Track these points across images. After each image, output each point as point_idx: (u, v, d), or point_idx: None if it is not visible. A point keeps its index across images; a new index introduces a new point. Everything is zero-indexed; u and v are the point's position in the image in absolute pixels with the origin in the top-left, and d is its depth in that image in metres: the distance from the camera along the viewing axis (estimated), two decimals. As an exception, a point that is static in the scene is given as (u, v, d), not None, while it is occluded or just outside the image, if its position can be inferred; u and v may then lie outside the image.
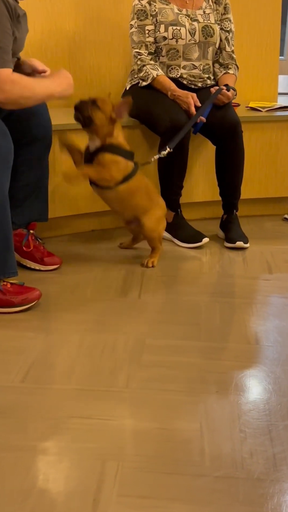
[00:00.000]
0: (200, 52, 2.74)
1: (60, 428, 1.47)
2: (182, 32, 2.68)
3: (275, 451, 1.40)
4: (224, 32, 2.78)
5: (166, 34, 2.67)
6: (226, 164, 2.74)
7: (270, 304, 2.20)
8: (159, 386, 1.65)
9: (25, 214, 2.35)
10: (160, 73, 2.68)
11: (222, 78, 2.77)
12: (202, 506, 1.23)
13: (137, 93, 2.76)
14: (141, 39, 2.70)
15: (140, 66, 2.71)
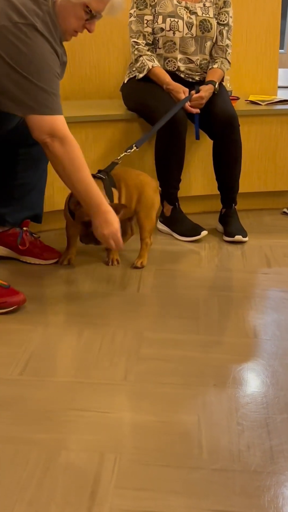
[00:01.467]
0: (197, 46, 2.73)
1: (58, 420, 1.48)
2: (180, 24, 2.67)
3: (272, 444, 1.41)
4: (219, 26, 2.76)
5: (163, 25, 2.66)
6: (224, 158, 2.73)
7: (269, 298, 2.21)
8: (157, 379, 1.66)
9: (19, 213, 2.35)
10: (156, 65, 2.67)
11: (209, 73, 2.75)
12: (200, 499, 1.24)
13: (135, 87, 2.76)
14: (139, 28, 2.69)
15: (136, 56, 2.70)
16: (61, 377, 1.67)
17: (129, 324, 1.96)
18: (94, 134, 2.73)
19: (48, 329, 1.93)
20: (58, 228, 2.81)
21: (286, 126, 3.08)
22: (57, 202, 2.71)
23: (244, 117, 2.90)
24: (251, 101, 3.18)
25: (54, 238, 2.64)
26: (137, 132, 2.82)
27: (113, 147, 2.79)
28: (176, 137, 2.57)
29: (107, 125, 2.76)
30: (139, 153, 2.83)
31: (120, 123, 2.78)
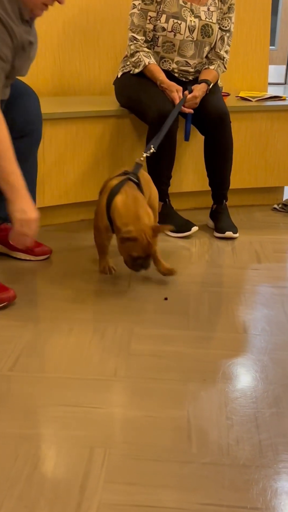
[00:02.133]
0: (196, 50, 2.71)
1: (48, 416, 1.48)
2: (182, 26, 2.63)
3: (261, 438, 1.42)
4: (221, 31, 2.72)
5: (166, 25, 2.63)
6: (215, 155, 2.74)
7: (259, 294, 2.22)
8: (147, 375, 1.66)
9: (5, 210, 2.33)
10: (152, 62, 2.66)
11: (202, 72, 2.74)
12: (189, 492, 1.25)
13: (128, 82, 2.75)
14: (141, 23, 2.65)
15: (133, 51, 2.68)
16: (51, 373, 1.67)
17: (120, 320, 1.97)
18: (85, 130, 2.73)
19: (38, 325, 1.93)
20: (49, 224, 2.81)
21: (277, 123, 3.09)
22: (47, 198, 2.71)
23: (235, 113, 2.90)
24: (242, 97, 3.19)
25: (45, 235, 2.64)
26: (128, 128, 2.82)
27: (104, 144, 2.79)
28: (167, 134, 2.57)
29: (97, 121, 2.75)
30: (129, 149, 2.84)
31: (111, 119, 2.78)
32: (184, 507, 1.21)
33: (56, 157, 2.69)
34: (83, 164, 2.76)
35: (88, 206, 2.86)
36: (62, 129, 2.67)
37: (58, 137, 2.67)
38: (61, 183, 2.73)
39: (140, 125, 2.77)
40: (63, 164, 2.71)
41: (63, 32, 3.02)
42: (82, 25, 3.06)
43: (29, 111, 2.24)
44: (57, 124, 2.65)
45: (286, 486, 1.27)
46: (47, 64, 3.02)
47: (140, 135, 2.81)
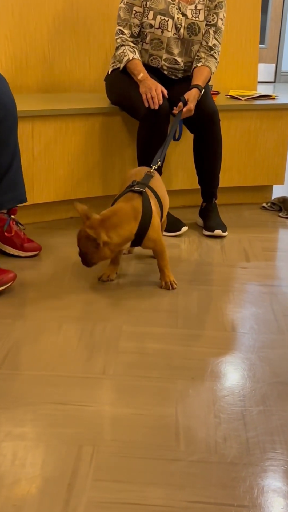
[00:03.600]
0: (182, 48, 2.70)
1: (37, 413, 1.48)
2: (169, 23, 2.63)
3: (248, 436, 1.43)
4: (206, 26, 2.70)
5: (153, 22, 2.63)
6: (204, 153, 2.74)
7: (247, 292, 2.23)
8: (136, 373, 1.67)
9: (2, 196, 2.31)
10: (136, 57, 2.64)
11: (193, 74, 2.70)
12: (177, 490, 1.25)
13: (118, 78, 2.75)
14: (127, 17, 2.65)
15: (119, 44, 2.68)
16: (39, 370, 1.67)
17: (108, 318, 1.97)
18: (74, 128, 2.72)
19: (27, 322, 1.93)
20: (38, 221, 2.80)
21: (266, 121, 3.10)
22: (37, 196, 2.71)
23: (224, 112, 2.91)
24: (231, 96, 3.19)
25: (35, 232, 2.64)
26: (118, 125, 2.82)
27: (93, 141, 2.79)
28: (157, 131, 2.57)
29: (87, 119, 2.75)
30: (120, 146, 2.84)
31: (100, 117, 2.78)
32: (171, 504, 1.22)
33: (45, 155, 2.68)
34: (73, 162, 2.76)
35: (77, 204, 2.86)
36: (51, 126, 2.66)
37: (47, 134, 2.66)
38: (50, 181, 2.72)
39: (130, 122, 2.78)
40: (53, 161, 2.71)
41: (53, 28, 3.01)
42: (72, 22, 3.05)
43: (1, 95, 2.19)
44: (47, 121, 2.64)
45: (272, 484, 1.28)
46: (37, 60, 3.01)
47: (130, 133, 2.81)
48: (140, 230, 2.09)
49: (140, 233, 2.09)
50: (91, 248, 2.07)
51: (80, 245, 2.11)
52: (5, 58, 2.94)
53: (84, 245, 2.09)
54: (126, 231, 2.07)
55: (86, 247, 2.08)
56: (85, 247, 2.09)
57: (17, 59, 2.97)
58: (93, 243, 2.05)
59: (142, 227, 2.09)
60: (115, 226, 2.06)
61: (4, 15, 2.89)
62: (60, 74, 3.09)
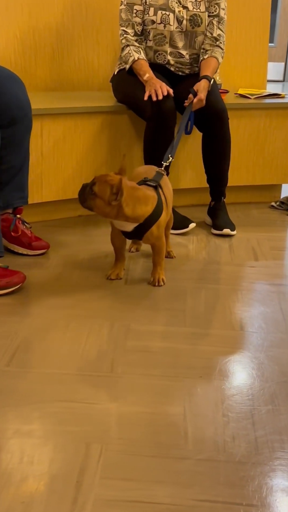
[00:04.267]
0: (186, 41, 2.71)
1: (44, 411, 1.48)
2: (171, 17, 2.65)
3: (257, 435, 1.42)
4: (209, 17, 2.72)
5: (154, 18, 2.65)
6: (213, 151, 2.74)
7: (255, 291, 2.22)
8: (144, 371, 1.67)
9: (8, 195, 2.34)
10: (141, 57, 2.65)
11: (201, 66, 2.71)
12: (185, 488, 1.25)
13: (124, 78, 2.75)
14: (129, 17, 2.67)
15: (124, 45, 2.69)
16: (47, 368, 1.67)
17: (116, 316, 1.97)
18: (83, 126, 2.73)
19: (35, 320, 1.93)
20: (47, 219, 2.81)
21: (275, 120, 3.09)
22: (45, 194, 2.71)
23: (233, 111, 2.90)
24: (240, 95, 3.19)
25: (43, 230, 2.64)
26: (125, 124, 2.81)
27: (102, 139, 2.79)
28: (164, 130, 2.56)
29: (95, 117, 2.75)
30: (129, 144, 2.84)
31: (109, 115, 2.78)
32: (179, 503, 1.21)
33: (54, 153, 2.68)
34: (81, 160, 2.76)
35: (85, 202, 2.86)
36: (60, 124, 2.66)
37: (56, 132, 2.66)
38: (59, 179, 2.72)
39: (138, 120, 2.77)
40: (61, 159, 2.71)
41: (62, 26, 3.02)
42: (81, 20, 3.05)
43: (20, 97, 2.24)
44: (56, 119, 2.64)
45: (281, 484, 1.28)
46: (46, 59, 3.02)
47: (138, 131, 2.81)
48: (147, 221, 2.08)
49: (145, 224, 2.09)
50: (104, 194, 2.00)
51: (96, 184, 2.02)
52: (14, 56, 2.94)
53: (100, 187, 2.01)
54: (141, 211, 2.06)
55: (101, 190, 2.01)
56: (100, 190, 2.01)
57: (26, 57, 2.97)
58: (109, 192, 2.00)
59: (150, 219, 2.08)
60: (136, 199, 2.04)
61: (14, 13, 2.90)
62: (69, 72, 3.09)
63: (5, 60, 2.89)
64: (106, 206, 2.02)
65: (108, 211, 2.04)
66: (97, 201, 2.03)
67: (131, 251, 2.47)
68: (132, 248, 2.48)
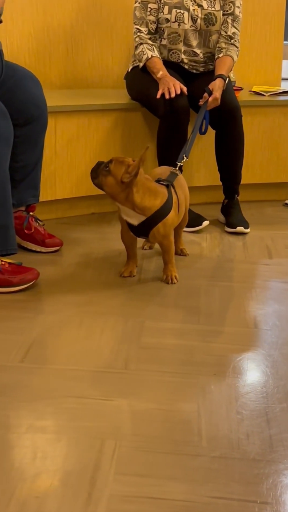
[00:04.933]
0: (200, 39, 2.70)
1: (58, 407, 1.48)
2: (185, 16, 2.64)
3: (271, 433, 1.41)
4: (224, 16, 2.70)
5: (169, 16, 2.64)
6: (226, 149, 2.73)
7: (269, 289, 2.21)
8: (158, 368, 1.66)
9: (22, 193, 2.35)
10: (155, 55, 2.64)
11: (216, 65, 2.69)
12: (199, 485, 1.25)
13: (138, 76, 2.75)
14: (143, 15, 2.67)
15: (137, 43, 2.68)
16: (61, 364, 1.67)
17: (130, 313, 1.97)
18: (97, 123, 2.73)
19: (49, 317, 1.94)
20: (60, 217, 2.81)
21: (290, 118, 3.07)
22: (59, 191, 2.71)
23: (248, 108, 2.89)
24: (255, 92, 3.17)
25: (56, 227, 2.64)
26: (139, 121, 2.81)
27: (115, 137, 2.79)
28: (177, 128, 2.56)
29: (109, 114, 2.75)
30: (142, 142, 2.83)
31: (123, 113, 2.78)
32: (194, 499, 1.21)
33: (67, 150, 2.69)
34: (95, 157, 2.75)
35: (99, 200, 2.87)
36: (74, 121, 2.67)
37: (70, 130, 2.67)
38: (72, 176, 2.73)
39: (152, 118, 2.77)
40: (75, 157, 2.71)
41: (76, 24, 3.02)
42: (95, 18, 3.05)
43: (36, 96, 2.26)
44: (69, 116, 2.65)
45: (296, 481, 1.27)
46: (60, 56, 3.02)
47: (152, 129, 2.80)
48: (154, 216, 2.07)
49: (151, 220, 2.08)
50: (117, 172, 2.00)
51: (113, 162, 2.01)
52: (28, 54, 2.95)
53: (116, 165, 2.00)
54: (149, 203, 2.05)
55: (116, 168, 2.00)
56: (115, 168, 2.00)
57: (40, 55, 2.98)
58: (124, 171, 1.99)
59: (157, 215, 2.08)
60: (147, 189, 2.05)
61: (28, 11, 2.91)
62: (82, 70, 3.09)
63: (19, 58, 2.90)
64: (116, 185, 2.01)
65: (118, 191, 2.02)
66: (109, 179, 2.02)
67: (144, 249, 2.47)
68: (145, 246, 2.48)
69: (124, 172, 2.00)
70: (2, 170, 2.01)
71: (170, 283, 2.19)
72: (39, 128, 2.30)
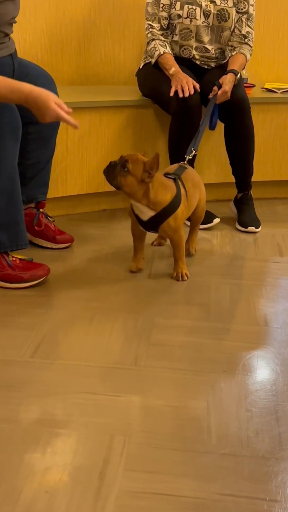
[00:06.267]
0: (212, 35, 2.69)
1: (68, 402, 1.49)
2: (197, 12, 2.63)
3: (281, 431, 1.41)
4: (238, 14, 2.70)
5: (181, 12, 2.64)
6: (236, 141, 2.71)
7: (280, 287, 2.20)
8: (168, 365, 1.67)
9: (33, 190, 2.36)
10: (167, 51, 2.64)
11: (228, 63, 2.68)
12: (208, 482, 1.25)
13: (150, 72, 2.74)
14: (155, 11, 2.67)
15: (149, 39, 2.68)
16: (71, 360, 1.68)
17: (141, 310, 1.97)
18: (108, 119, 2.73)
19: (59, 313, 1.94)
20: (71, 213, 2.82)
21: (302, 115, 3.05)
22: (70, 187, 2.72)
23: (260, 105, 2.88)
24: (267, 89, 3.15)
25: (67, 224, 2.65)
26: (151, 118, 2.81)
27: (127, 133, 2.79)
28: (189, 125, 2.55)
29: (121, 111, 2.75)
30: (151, 139, 2.83)
31: (134, 109, 2.77)
32: (203, 496, 1.21)
33: (79, 147, 2.69)
34: (106, 154, 2.76)
35: (110, 196, 2.87)
36: (86, 118, 2.67)
37: (81, 126, 2.64)
38: (83, 173, 2.73)
39: (163, 115, 2.76)
40: (86, 153, 2.72)
41: (89, 21, 3.02)
42: (108, 14, 3.05)
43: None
44: (81, 113, 2.64)
45: (305, 480, 1.27)
46: (72, 52, 3.02)
47: (163, 125, 2.80)
48: (163, 211, 2.09)
49: (161, 215, 2.09)
50: (137, 172, 2.02)
51: (129, 162, 2.03)
52: (41, 51, 2.95)
53: (134, 165, 2.02)
54: (161, 197, 2.08)
55: (134, 168, 2.02)
56: (134, 168, 2.02)
57: (52, 51, 2.98)
58: (142, 169, 2.02)
59: (166, 210, 2.09)
60: (160, 184, 2.08)
61: (41, 8, 2.91)
62: (94, 66, 3.09)
63: (32, 54, 2.90)
64: (137, 184, 2.03)
65: (137, 189, 2.05)
66: (129, 179, 2.04)
67: (153, 245, 2.47)
68: (154, 242, 2.48)
69: (143, 171, 2.02)
70: (10, 165, 2.01)
71: (180, 280, 2.20)
72: (52, 126, 2.31)
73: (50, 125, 2.30)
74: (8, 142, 2.00)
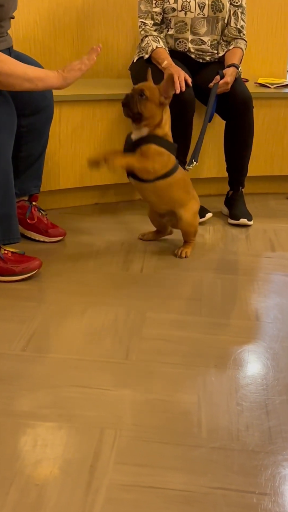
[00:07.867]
0: (208, 27, 2.69)
1: (59, 396, 1.49)
2: (192, 4, 2.63)
3: (271, 425, 1.42)
4: (233, 7, 2.71)
5: (175, 5, 2.63)
6: (235, 140, 2.72)
7: (272, 282, 2.21)
8: (159, 359, 1.67)
9: (25, 183, 2.35)
10: (160, 46, 2.64)
11: (226, 57, 2.70)
12: (198, 476, 1.26)
13: (142, 67, 2.73)
14: (148, 8, 2.66)
15: (143, 36, 2.68)
16: (63, 354, 1.68)
17: (132, 304, 1.97)
18: (101, 113, 2.72)
19: (51, 306, 1.94)
20: (63, 207, 2.81)
21: (295, 110, 3.05)
22: (62, 181, 2.71)
23: (253, 100, 2.87)
24: (260, 84, 3.15)
25: (59, 217, 2.64)
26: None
27: (120, 127, 2.78)
28: (182, 119, 2.55)
29: (114, 104, 2.73)
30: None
31: (128, 103, 2.76)
32: (192, 489, 1.22)
33: (72, 140, 2.68)
34: (99, 147, 2.75)
35: (102, 190, 2.87)
36: (78, 111, 2.66)
37: (74, 120, 2.66)
38: (76, 166, 2.72)
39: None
40: (79, 147, 2.71)
41: (82, 13, 3.00)
42: (101, 7, 3.03)
43: None
44: (74, 106, 2.64)
45: (294, 473, 1.28)
46: (65, 45, 3.00)
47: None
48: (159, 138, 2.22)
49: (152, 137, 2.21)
50: (154, 96, 2.17)
51: (145, 90, 2.17)
52: (34, 43, 2.93)
53: (150, 91, 2.17)
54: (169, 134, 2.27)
55: (152, 93, 2.17)
56: (151, 94, 2.16)
57: (45, 44, 2.96)
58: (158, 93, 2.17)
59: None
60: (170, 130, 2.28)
61: (34, 0, 2.89)
62: (88, 59, 3.07)
63: (24, 46, 2.88)
64: (156, 107, 2.19)
65: (156, 113, 2.19)
66: (148, 104, 2.17)
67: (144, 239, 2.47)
68: (145, 236, 2.49)
69: (159, 95, 2.18)
70: (4, 159, 2.01)
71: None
72: (45, 119, 2.30)
73: (43, 118, 2.29)
74: (4, 136, 2.00)
